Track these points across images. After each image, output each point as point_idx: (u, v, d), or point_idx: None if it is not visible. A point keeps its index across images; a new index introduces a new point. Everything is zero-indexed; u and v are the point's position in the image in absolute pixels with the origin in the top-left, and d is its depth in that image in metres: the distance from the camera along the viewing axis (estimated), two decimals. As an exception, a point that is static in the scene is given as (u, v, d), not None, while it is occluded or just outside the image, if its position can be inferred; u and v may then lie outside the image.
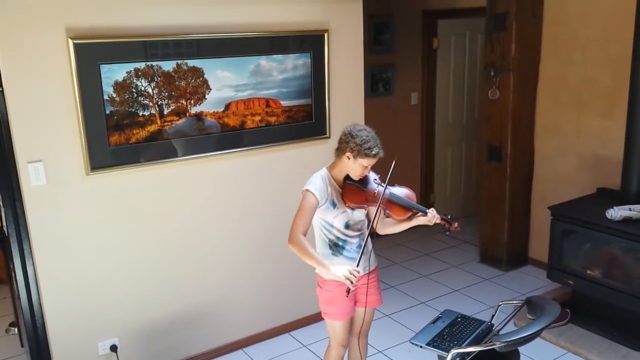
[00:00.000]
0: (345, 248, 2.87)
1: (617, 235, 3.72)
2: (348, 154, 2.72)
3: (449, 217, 2.90)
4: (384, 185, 2.79)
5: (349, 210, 2.83)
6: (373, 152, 2.70)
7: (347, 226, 2.85)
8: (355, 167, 2.75)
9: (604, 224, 3.77)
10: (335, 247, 2.86)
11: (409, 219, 2.86)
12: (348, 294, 2.73)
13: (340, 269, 2.65)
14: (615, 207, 3.75)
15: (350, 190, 2.80)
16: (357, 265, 2.74)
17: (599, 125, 4.49)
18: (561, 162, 4.83)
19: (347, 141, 2.73)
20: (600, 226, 3.80)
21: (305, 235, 2.74)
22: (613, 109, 4.37)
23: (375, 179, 2.90)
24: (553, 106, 4.82)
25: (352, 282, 2.62)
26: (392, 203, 2.84)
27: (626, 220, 3.70)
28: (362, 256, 2.87)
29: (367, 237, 2.83)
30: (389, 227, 2.97)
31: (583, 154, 4.65)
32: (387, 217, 2.90)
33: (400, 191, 2.90)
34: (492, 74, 4.84)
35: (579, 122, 4.64)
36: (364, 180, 2.83)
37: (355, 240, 2.89)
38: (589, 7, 4.44)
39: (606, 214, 3.76)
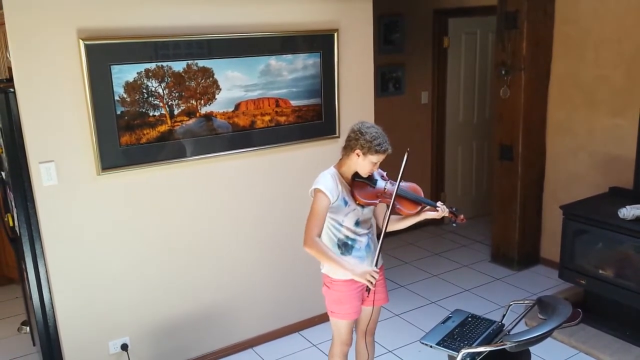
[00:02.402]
0: (355, 247, 2.87)
1: (629, 234, 3.69)
2: (358, 151, 2.72)
3: (454, 209, 2.91)
4: (394, 182, 2.80)
5: (359, 208, 2.83)
6: (383, 148, 2.71)
7: (357, 224, 2.85)
8: (364, 164, 2.75)
9: (616, 223, 3.74)
10: (345, 246, 2.86)
11: (418, 213, 2.87)
12: (369, 293, 2.84)
13: (362, 273, 2.72)
14: (627, 206, 3.72)
15: (361, 188, 2.80)
16: (375, 265, 2.79)
17: (611, 124, 4.46)
18: (573, 161, 4.80)
19: (356, 138, 2.73)
20: (612, 225, 3.77)
21: (320, 236, 2.75)
22: (625, 108, 4.34)
23: (383, 176, 2.91)
24: (565, 105, 4.79)
25: (372, 283, 2.70)
26: (401, 198, 2.84)
27: (639, 220, 3.67)
28: (370, 255, 2.88)
29: (382, 236, 2.83)
30: (396, 222, 2.97)
31: (595, 153, 4.61)
32: (397, 212, 2.89)
33: (407, 186, 2.91)
34: (503, 72, 4.82)
35: (591, 120, 4.60)
36: (371, 177, 2.84)
37: (364, 239, 2.88)
38: (601, 5, 4.40)
39: (618, 213, 3.73)
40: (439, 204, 2.86)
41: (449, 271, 5.20)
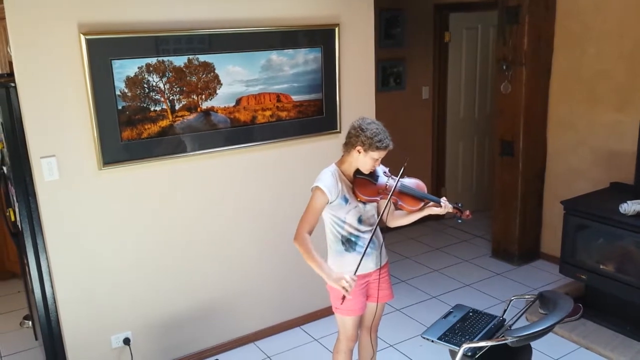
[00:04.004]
0: (358, 244, 2.86)
1: (630, 229, 3.69)
2: (359, 147, 2.71)
3: (459, 205, 2.89)
4: (395, 178, 2.78)
5: (361, 205, 2.82)
6: (384, 144, 2.70)
7: (360, 221, 2.84)
8: (366, 160, 2.74)
9: (617, 219, 3.74)
10: (348, 243, 2.86)
11: (421, 209, 2.86)
12: (342, 301, 2.71)
13: (337, 279, 2.65)
14: (628, 202, 3.72)
15: (362, 184, 2.79)
16: (356, 272, 2.70)
17: (613, 119, 4.45)
18: (574, 157, 4.80)
19: (357, 135, 2.72)
20: (613, 220, 3.77)
21: (311, 233, 2.74)
22: (627, 103, 4.33)
23: (385, 172, 2.90)
24: (566, 100, 4.78)
25: (347, 291, 2.62)
26: (404, 194, 2.83)
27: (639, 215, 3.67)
28: (374, 251, 2.87)
29: (373, 233, 2.81)
30: (399, 219, 2.96)
31: (596, 148, 4.61)
32: (399, 208, 2.89)
33: (411, 182, 2.90)
34: (504, 67, 4.81)
35: (592, 116, 4.60)
36: (373, 174, 2.83)
37: (367, 236, 2.87)
38: (602, 0, 4.39)
39: (619, 208, 3.73)
40: (442, 199, 2.84)
41: (449, 266, 5.21)
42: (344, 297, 2.67)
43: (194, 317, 3.75)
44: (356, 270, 2.71)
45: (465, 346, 2.52)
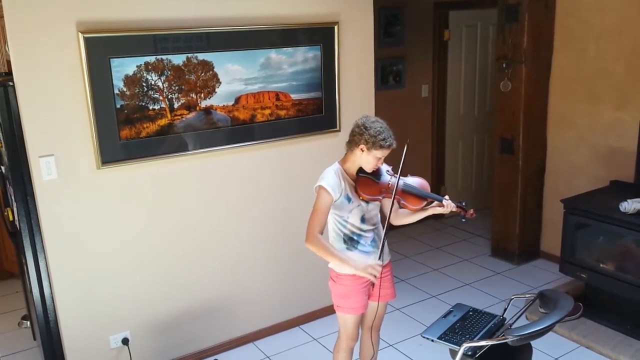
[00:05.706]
0: (360, 242, 2.86)
1: (630, 228, 3.68)
2: (362, 146, 2.70)
3: (463, 204, 2.88)
4: (398, 176, 2.77)
5: (363, 204, 2.81)
6: (387, 143, 2.69)
7: (362, 220, 2.83)
8: (369, 159, 2.73)
9: (617, 217, 3.73)
10: (350, 241, 2.85)
11: (424, 208, 2.84)
12: (373, 287, 2.86)
13: (365, 267, 2.72)
14: (629, 200, 3.71)
15: (364, 183, 2.78)
16: (379, 259, 2.78)
17: (613, 117, 4.44)
18: (574, 155, 4.79)
19: (361, 133, 2.71)
20: (613, 219, 3.76)
21: (322, 233, 2.73)
22: (627, 101, 4.32)
23: (388, 170, 2.90)
24: (566, 98, 4.77)
25: (375, 277, 2.72)
26: (406, 193, 2.82)
27: (640, 213, 3.67)
28: (375, 250, 2.87)
29: (385, 230, 2.81)
30: (403, 217, 2.95)
31: (596, 146, 4.60)
32: (402, 207, 2.88)
33: (414, 181, 2.89)
34: (504, 65, 4.80)
35: (593, 114, 4.59)
36: (377, 172, 2.82)
37: (369, 235, 2.87)
38: (602, -3, 4.39)
39: (620, 206, 3.73)
40: (445, 198, 2.83)
41: (449, 265, 5.20)
42: (373, 284, 2.85)
43: (192, 316, 3.74)
44: (379, 257, 2.81)
45: (466, 345, 2.51)
